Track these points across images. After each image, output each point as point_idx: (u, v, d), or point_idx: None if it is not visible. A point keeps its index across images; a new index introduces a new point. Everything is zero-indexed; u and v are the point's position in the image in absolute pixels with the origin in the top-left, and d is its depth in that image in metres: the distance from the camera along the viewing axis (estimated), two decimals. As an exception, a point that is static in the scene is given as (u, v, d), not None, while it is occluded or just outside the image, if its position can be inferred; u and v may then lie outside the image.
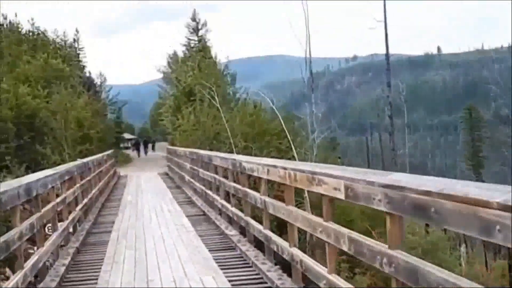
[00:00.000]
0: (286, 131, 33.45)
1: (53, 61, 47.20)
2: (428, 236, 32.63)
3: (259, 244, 10.38)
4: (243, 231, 11.59)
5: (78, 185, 14.48)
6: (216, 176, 14.56)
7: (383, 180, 4.20)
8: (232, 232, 11.90)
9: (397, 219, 4.20)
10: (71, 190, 13.06)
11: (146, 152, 70.06)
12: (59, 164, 20.71)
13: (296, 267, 7.09)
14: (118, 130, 67.22)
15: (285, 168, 7.15)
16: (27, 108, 38.82)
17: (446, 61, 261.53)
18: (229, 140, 34.67)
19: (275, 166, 7.75)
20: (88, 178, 17.66)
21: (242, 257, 9.94)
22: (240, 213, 11.45)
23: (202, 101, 39.40)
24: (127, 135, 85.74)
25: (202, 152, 19.02)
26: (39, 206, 8.95)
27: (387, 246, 4.29)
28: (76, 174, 14.52)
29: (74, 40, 66.26)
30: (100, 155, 25.04)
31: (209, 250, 10.67)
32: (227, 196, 13.94)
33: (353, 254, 4.91)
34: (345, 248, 5.08)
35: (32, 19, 57.24)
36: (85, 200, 16.07)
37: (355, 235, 4.96)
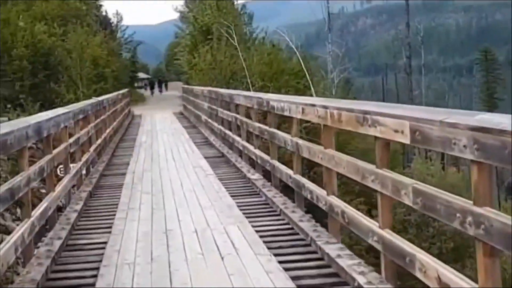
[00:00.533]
0: (305, 70, 32.57)
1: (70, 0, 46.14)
2: (447, 177, 32.21)
3: (285, 190, 9.66)
4: (266, 175, 10.85)
5: (92, 124, 13.76)
6: (238, 116, 13.72)
7: (471, 122, 3.35)
8: (255, 176, 11.12)
9: (488, 169, 3.35)
10: (85, 130, 12.35)
11: (160, 91, 70.60)
12: (73, 103, 20.05)
13: (336, 218, 6.26)
14: (133, 70, 66.47)
15: (325, 107, 6.24)
16: (42, 46, 38.04)
17: (460, 4, 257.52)
18: (246, 79, 33.87)
19: (313, 105, 6.84)
20: (102, 117, 16.94)
21: (268, 204, 9.14)
22: (265, 156, 10.63)
23: (219, 40, 38.32)
24: (141, 75, 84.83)
25: (221, 90, 18.14)
26: (50, 147, 8.20)
27: (471, 202, 3.46)
28: (91, 113, 13.80)
29: None
30: (115, 93, 24.31)
31: (232, 196, 9.87)
32: (249, 138, 13.21)
33: (420, 209, 4.07)
34: (407, 201, 4.24)
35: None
36: (99, 141, 15.38)
37: (423, 186, 4.12)
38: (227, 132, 15.88)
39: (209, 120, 20.71)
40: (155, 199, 10.03)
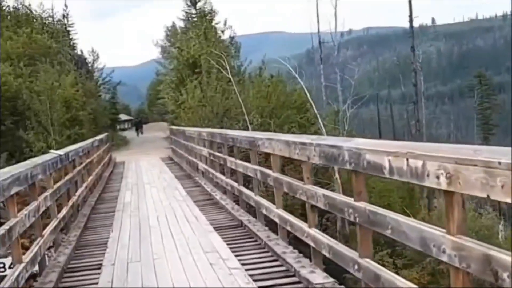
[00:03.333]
0: (312, 103, 28.26)
1: (38, 36, 41.46)
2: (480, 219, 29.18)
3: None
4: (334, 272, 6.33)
5: (47, 194, 9.13)
6: (269, 172, 9.06)
7: None
8: (320, 278, 6.51)
9: None
10: (28, 210, 7.66)
11: (142, 132, 67.19)
12: (44, 153, 15.77)
13: None
14: (114, 111, 61.29)
15: None
16: (8, 90, 33.58)
17: (441, 31, 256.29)
18: (243, 116, 29.51)
19: None
20: (68, 176, 12.27)
21: None
22: (347, 251, 5.99)
23: (209, 73, 33.68)
24: (123, 116, 79.98)
25: (233, 132, 13.36)
26: None
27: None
28: (44, 177, 9.18)
29: (64, 16, 59.01)
30: (89, 141, 19.54)
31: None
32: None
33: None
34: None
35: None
36: (63, 213, 10.71)
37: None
38: (245, 191, 11.29)
39: (211, 170, 16.11)
40: None
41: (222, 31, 41.31)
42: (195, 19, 48.81)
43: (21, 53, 38.51)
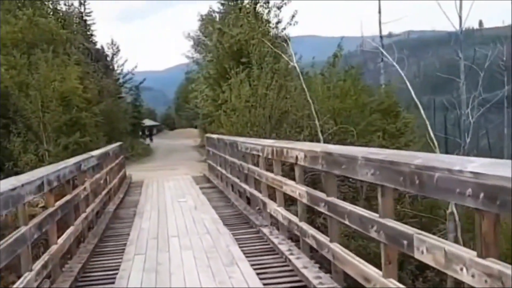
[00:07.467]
0: (418, 103, 19.70)
1: (40, 20, 33.00)
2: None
3: None
4: None
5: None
6: None
7: None
8: None
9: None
10: None
11: (151, 140, 63.15)
12: (35, 168, 10.74)
13: None
14: (136, 115, 52.49)
15: None
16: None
17: (489, 35, 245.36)
18: (305, 121, 21.23)
19: None
20: None
21: None
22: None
23: (260, 64, 24.75)
24: (148, 122, 71.71)
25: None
26: None
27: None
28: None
29: (80, 3, 50.13)
30: (70, 161, 10.68)
31: None
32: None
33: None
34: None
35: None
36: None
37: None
38: None
39: (317, 234, 7.51)
40: None
41: (279, 8, 31.03)
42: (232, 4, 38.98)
43: (19, 40, 30.34)
